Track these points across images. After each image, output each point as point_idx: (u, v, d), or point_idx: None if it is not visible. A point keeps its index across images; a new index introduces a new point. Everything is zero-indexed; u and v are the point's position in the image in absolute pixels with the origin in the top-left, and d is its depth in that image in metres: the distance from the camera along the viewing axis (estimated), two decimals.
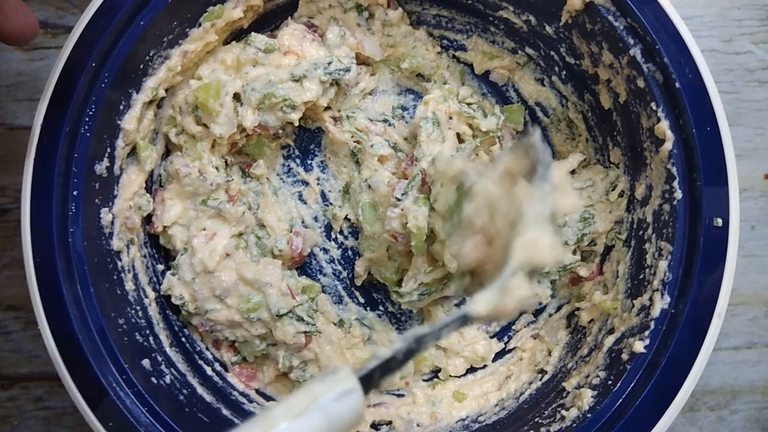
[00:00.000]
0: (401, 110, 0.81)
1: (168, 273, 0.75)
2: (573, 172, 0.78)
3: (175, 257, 0.75)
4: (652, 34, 0.62)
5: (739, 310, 0.83)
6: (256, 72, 0.73)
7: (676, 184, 0.63)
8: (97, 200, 0.67)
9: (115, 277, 0.68)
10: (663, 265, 0.63)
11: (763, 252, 0.83)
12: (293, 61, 0.73)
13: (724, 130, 0.62)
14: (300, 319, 0.72)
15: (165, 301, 0.75)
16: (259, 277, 0.71)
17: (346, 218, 0.81)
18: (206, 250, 0.72)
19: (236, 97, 0.73)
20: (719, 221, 0.61)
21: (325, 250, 0.82)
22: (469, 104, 0.79)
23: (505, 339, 0.81)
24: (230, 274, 0.73)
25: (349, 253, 0.82)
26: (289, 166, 0.82)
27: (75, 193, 0.64)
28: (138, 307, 0.70)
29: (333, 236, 0.81)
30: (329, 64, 0.73)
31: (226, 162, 0.79)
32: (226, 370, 0.77)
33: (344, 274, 0.82)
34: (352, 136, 0.78)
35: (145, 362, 0.67)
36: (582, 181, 0.76)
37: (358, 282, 0.80)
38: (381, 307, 0.82)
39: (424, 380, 0.81)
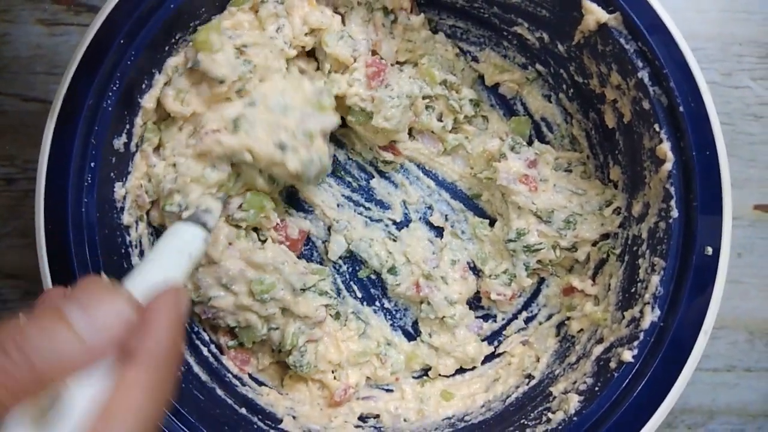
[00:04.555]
0: None
1: None
2: (569, 171, 0.81)
3: None
4: (660, 59, 0.65)
5: (721, 334, 0.85)
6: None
7: (673, 203, 0.65)
8: (112, 174, 0.68)
9: (123, 250, 0.69)
10: (655, 279, 0.66)
11: (748, 279, 0.86)
12: (305, 5, 0.76)
13: (722, 156, 0.65)
14: (323, 293, 0.74)
15: None
16: (270, 261, 0.72)
17: None
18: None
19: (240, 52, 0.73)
20: (709, 250, 0.64)
21: (326, 242, 0.84)
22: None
23: (495, 343, 0.83)
24: (235, 262, 0.74)
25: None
26: None
27: (92, 164, 0.65)
28: None
29: None
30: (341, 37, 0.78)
31: None
32: (221, 352, 0.78)
33: (344, 267, 0.84)
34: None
35: None
36: (574, 186, 0.79)
37: None
38: (377, 303, 0.84)
39: (414, 377, 0.82)
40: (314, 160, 0.72)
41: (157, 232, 0.77)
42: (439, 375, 0.82)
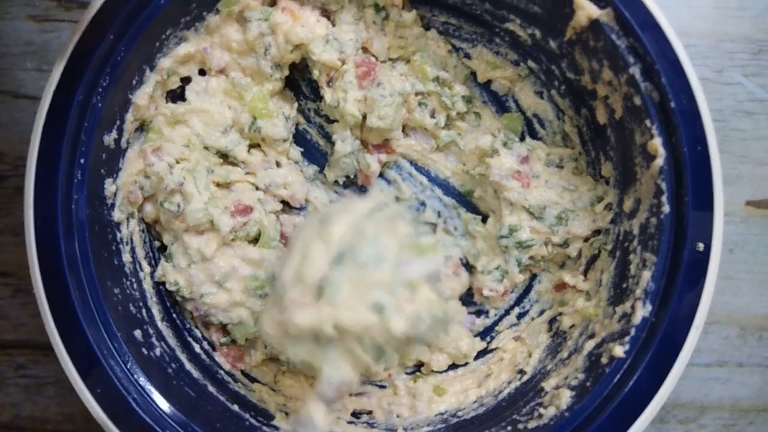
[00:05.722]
0: None
1: (162, 260, 0.75)
2: (561, 167, 0.81)
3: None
4: (652, 55, 0.65)
5: (713, 329, 0.86)
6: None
7: (664, 198, 0.65)
8: (102, 170, 0.68)
9: (113, 247, 0.69)
10: (646, 275, 0.66)
11: (739, 275, 0.86)
12: (289, 20, 0.75)
13: (714, 151, 0.65)
14: None
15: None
16: (266, 256, 0.72)
17: None
18: (203, 239, 0.73)
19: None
20: (701, 246, 0.64)
21: None
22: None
23: (488, 339, 0.84)
24: (229, 259, 0.74)
25: None
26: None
27: (82, 161, 0.65)
28: (133, 279, 0.71)
29: None
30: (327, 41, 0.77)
31: None
32: (214, 349, 0.78)
33: None
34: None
35: (137, 333, 0.68)
36: (566, 182, 0.79)
37: None
38: None
39: (407, 373, 0.83)
40: (422, 316, 0.60)
41: (149, 228, 0.77)
42: (432, 371, 0.82)
